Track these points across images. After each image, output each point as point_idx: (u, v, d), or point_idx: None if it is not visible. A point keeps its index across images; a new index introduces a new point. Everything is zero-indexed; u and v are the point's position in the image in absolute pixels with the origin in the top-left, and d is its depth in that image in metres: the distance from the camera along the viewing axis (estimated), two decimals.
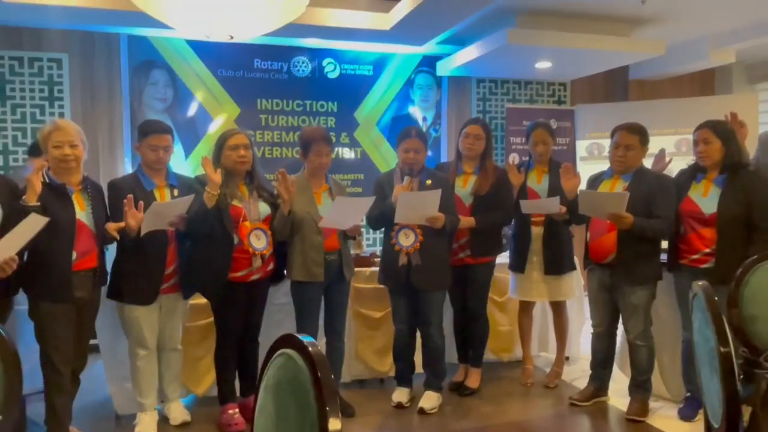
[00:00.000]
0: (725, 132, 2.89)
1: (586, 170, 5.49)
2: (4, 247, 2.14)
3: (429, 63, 5.86)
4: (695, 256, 2.92)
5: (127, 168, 5.03)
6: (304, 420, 1.06)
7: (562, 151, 6.04)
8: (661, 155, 3.42)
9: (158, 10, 2.75)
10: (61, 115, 4.92)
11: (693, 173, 3.00)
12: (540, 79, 6.19)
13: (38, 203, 2.54)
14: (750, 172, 2.91)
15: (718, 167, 2.89)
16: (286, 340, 1.16)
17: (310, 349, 1.08)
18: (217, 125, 5.29)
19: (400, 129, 5.50)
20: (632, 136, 3.04)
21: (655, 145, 5.23)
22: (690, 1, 4.42)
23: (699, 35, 5.42)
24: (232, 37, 2.99)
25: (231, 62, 5.30)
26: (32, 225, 2.19)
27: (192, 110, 5.27)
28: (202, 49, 5.15)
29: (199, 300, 3.24)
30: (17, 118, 4.83)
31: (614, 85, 6.48)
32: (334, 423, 1.02)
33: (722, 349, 1.50)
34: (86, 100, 4.97)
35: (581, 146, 6.09)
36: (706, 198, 2.89)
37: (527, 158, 3.72)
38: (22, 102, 4.85)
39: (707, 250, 2.87)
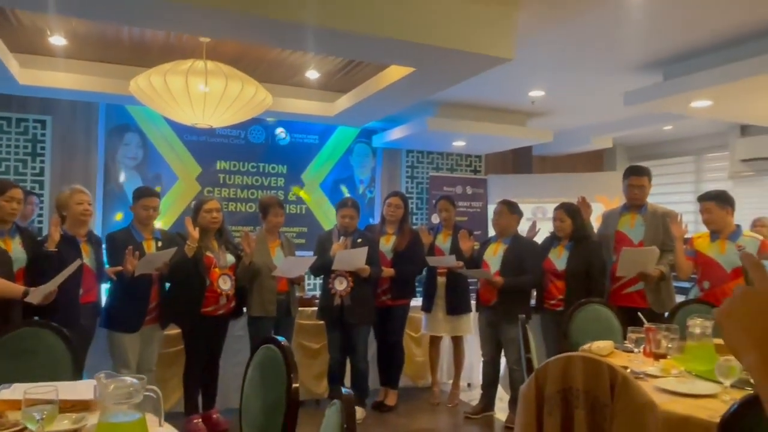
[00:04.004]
0: (573, 212, 4.01)
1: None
2: (53, 283, 2.91)
3: (366, 135, 6.93)
4: (553, 301, 3.97)
5: (98, 218, 5.72)
6: (278, 382, 1.94)
7: (476, 213, 7.20)
8: (533, 226, 4.52)
9: (163, 110, 3.64)
10: (42, 169, 5.62)
11: (552, 240, 4.09)
12: (459, 152, 7.37)
13: (56, 249, 3.30)
14: (591, 240, 4.03)
15: (569, 237, 3.99)
16: (268, 340, 2.06)
17: (283, 343, 1.98)
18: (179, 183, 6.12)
19: (340, 190, 6.54)
20: (501, 206, 4.23)
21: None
22: (567, 102, 5.72)
23: (583, 125, 6.76)
24: (211, 126, 3.90)
25: (195, 128, 6.09)
26: (73, 267, 2.97)
27: (159, 168, 6.06)
28: None
29: (171, 331, 4.00)
30: (2, 170, 5.48)
31: (521, 159, 7.77)
32: (295, 384, 1.91)
33: (526, 354, 2.49)
34: (65, 157, 5.68)
35: (492, 210, 7.23)
36: (559, 259, 3.97)
37: (438, 222, 4.75)
38: (7, 156, 5.53)
39: (561, 297, 3.92)
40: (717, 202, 3.60)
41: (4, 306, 2.95)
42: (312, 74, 4.98)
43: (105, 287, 3.74)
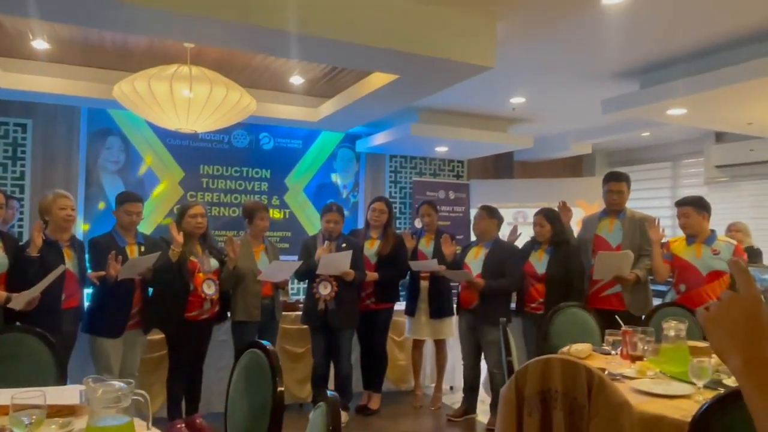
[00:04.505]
0: (553, 217, 4.09)
1: None
2: (36, 289, 2.90)
3: (350, 140, 6.97)
4: (533, 305, 4.03)
5: (79, 223, 5.67)
6: (264, 385, 1.97)
7: (459, 218, 7.27)
8: (513, 230, 4.59)
9: (147, 115, 3.64)
10: (23, 173, 5.57)
11: (533, 244, 4.17)
12: (442, 157, 7.44)
13: (38, 254, 3.29)
14: (570, 245, 4.10)
15: (548, 241, 4.06)
16: (253, 344, 2.08)
17: (268, 347, 2.01)
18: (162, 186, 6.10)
19: (324, 195, 6.57)
20: (480, 211, 4.31)
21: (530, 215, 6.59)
22: (547, 108, 5.81)
23: (562, 131, 6.87)
24: (195, 131, 3.91)
25: (178, 133, 6.07)
26: (56, 272, 2.96)
27: (141, 172, 6.04)
28: None
29: (154, 336, 3.99)
30: None
31: (503, 164, 7.86)
32: (280, 387, 1.94)
33: (507, 357, 2.54)
34: (46, 161, 5.63)
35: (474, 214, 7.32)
36: (540, 263, 4.04)
37: (421, 227, 4.79)
38: None
39: (541, 300, 3.99)
40: (694, 207, 3.71)
41: None
42: (296, 80, 5.01)
43: (87, 292, 3.73)
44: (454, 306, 4.53)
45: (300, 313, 4.37)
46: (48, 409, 1.75)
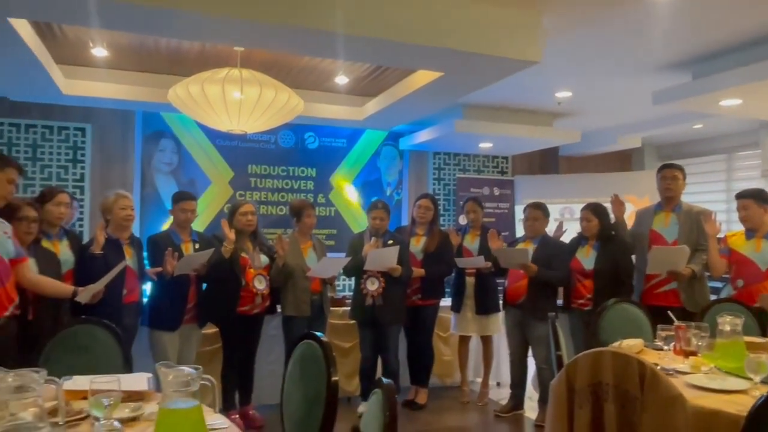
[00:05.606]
0: (600, 211, 4.03)
1: (522, 231, 6.65)
2: (101, 283, 3.07)
3: (393, 138, 7.02)
4: (581, 301, 3.99)
5: (135, 221, 5.90)
6: (318, 376, 2.04)
7: (503, 214, 7.22)
8: (559, 226, 4.55)
9: (200, 117, 3.78)
10: (82, 175, 5.84)
11: (579, 239, 4.12)
12: (486, 153, 7.40)
13: (102, 252, 3.47)
14: (619, 240, 4.03)
15: (596, 236, 4.01)
16: (308, 336, 2.16)
17: (322, 339, 2.08)
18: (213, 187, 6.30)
19: (368, 192, 6.64)
20: (537, 211, 4.20)
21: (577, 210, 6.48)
22: (594, 102, 5.72)
23: (609, 125, 6.73)
24: (245, 132, 4.04)
25: (227, 134, 6.25)
26: (118, 268, 3.13)
27: (193, 173, 6.25)
28: None
29: (208, 330, 4.14)
30: (44, 176, 5.72)
31: (548, 160, 7.76)
32: (334, 377, 2.01)
33: (556, 352, 2.54)
34: (104, 163, 5.90)
35: (519, 210, 7.25)
36: (587, 258, 4.00)
37: (466, 223, 4.81)
38: (49, 163, 5.76)
39: (589, 296, 3.94)
40: (755, 199, 3.60)
41: (53, 306, 3.12)
42: (341, 79, 5.10)
43: (145, 288, 3.90)
44: (501, 302, 4.53)
45: (347, 308, 4.46)
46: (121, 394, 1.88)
